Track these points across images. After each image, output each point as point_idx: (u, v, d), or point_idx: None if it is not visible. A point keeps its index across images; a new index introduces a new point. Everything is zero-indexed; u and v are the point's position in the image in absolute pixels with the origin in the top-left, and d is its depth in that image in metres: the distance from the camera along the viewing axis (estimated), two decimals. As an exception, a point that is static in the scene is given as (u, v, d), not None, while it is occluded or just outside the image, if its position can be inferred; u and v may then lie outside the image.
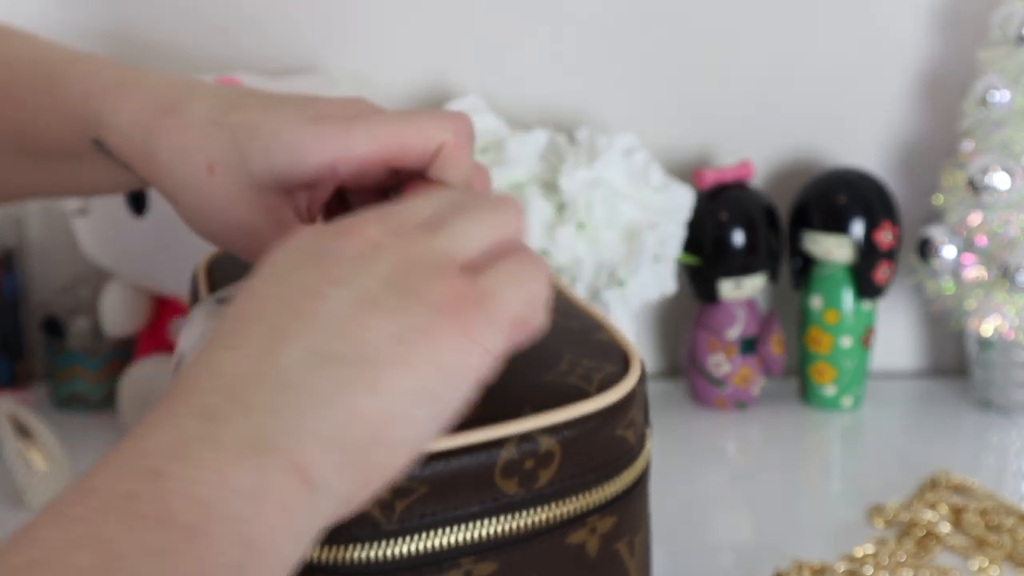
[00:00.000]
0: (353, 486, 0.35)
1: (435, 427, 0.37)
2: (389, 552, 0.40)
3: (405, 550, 0.40)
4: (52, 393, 0.88)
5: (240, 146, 0.45)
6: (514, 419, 0.41)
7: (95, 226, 0.83)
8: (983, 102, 0.84)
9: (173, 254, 0.83)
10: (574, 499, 0.42)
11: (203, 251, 0.83)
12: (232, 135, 0.45)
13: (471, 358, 0.36)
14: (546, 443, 0.41)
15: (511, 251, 0.39)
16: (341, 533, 0.39)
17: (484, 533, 0.41)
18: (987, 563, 0.69)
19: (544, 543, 0.42)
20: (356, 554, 0.40)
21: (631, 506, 0.45)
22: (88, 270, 0.89)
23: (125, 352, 0.87)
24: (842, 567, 0.67)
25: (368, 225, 0.38)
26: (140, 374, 0.82)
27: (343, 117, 0.45)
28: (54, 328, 0.88)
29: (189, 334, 0.49)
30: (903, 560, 0.68)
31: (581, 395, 0.43)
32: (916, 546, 0.70)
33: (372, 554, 0.40)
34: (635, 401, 0.44)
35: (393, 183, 0.47)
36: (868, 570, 0.67)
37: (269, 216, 0.46)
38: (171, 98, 0.48)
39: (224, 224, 0.47)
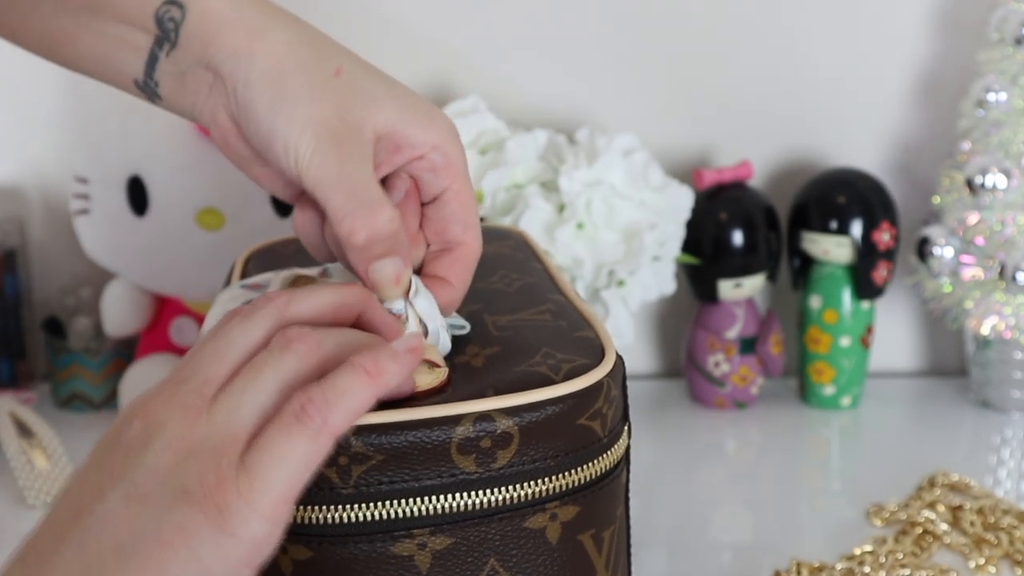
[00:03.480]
0: None
1: None
2: (344, 516, 0.41)
3: (360, 515, 0.41)
4: (53, 393, 0.88)
5: (375, 78, 0.49)
6: (476, 399, 0.43)
7: (96, 226, 0.83)
8: (981, 103, 0.84)
9: (173, 254, 0.83)
10: (533, 484, 0.43)
11: (203, 250, 0.83)
12: (367, 65, 0.50)
13: (230, 551, 0.37)
14: (504, 424, 0.43)
15: (293, 407, 0.39)
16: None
17: (440, 507, 0.42)
18: (985, 562, 0.69)
19: (502, 523, 0.43)
20: (312, 515, 0.41)
21: (597, 498, 0.45)
22: (89, 270, 0.89)
23: (126, 352, 0.87)
24: (841, 566, 0.68)
25: (157, 401, 0.39)
26: (141, 374, 0.83)
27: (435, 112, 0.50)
28: (55, 328, 0.88)
29: (211, 316, 0.50)
30: (901, 559, 0.68)
31: (545, 382, 0.44)
32: (914, 545, 0.70)
33: (328, 516, 0.41)
34: (604, 393, 0.45)
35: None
36: (866, 569, 0.67)
37: (360, 138, 0.47)
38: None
39: (312, 123, 0.47)
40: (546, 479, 0.44)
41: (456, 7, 0.89)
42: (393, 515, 0.42)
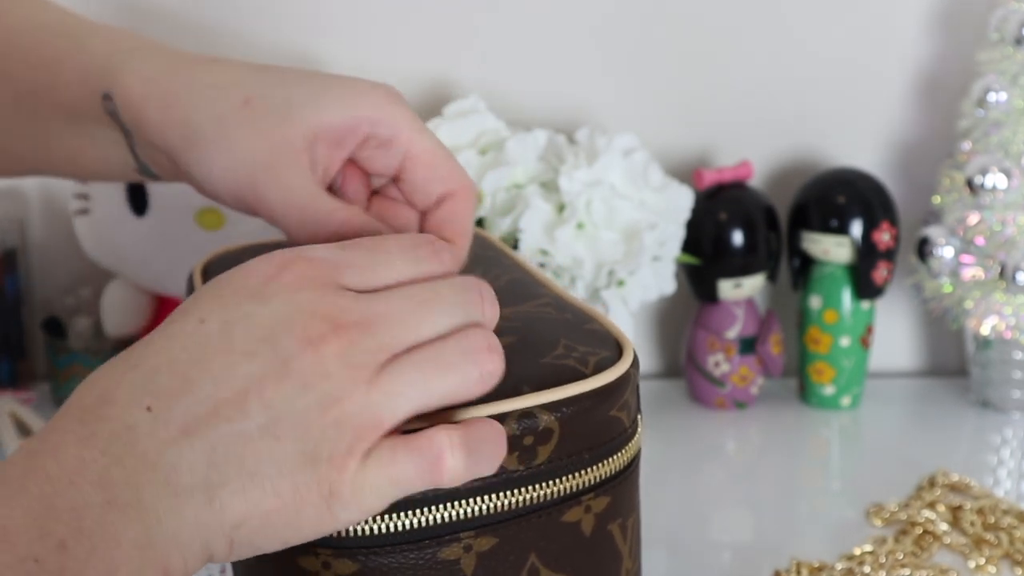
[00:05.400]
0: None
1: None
2: (392, 525, 0.41)
3: (408, 523, 0.41)
4: (53, 393, 0.88)
5: (288, 87, 0.48)
6: (514, 396, 0.42)
7: (96, 226, 0.83)
8: (981, 103, 0.84)
9: (173, 254, 0.83)
10: (570, 477, 0.43)
11: (203, 250, 0.83)
12: (281, 77, 0.48)
13: (324, 526, 0.38)
14: (545, 420, 0.42)
15: (434, 449, 0.39)
16: None
17: (486, 508, 0.42)
18: (985, 562, 0.69)
19: (541, 520, 0.43)
20: (358, 527, 0.41)
21: (624, 488, 0.46)
22: (89, 270, 0.89)
23: (126, 352, 0.87)
24: (841, 566, 0.68)
25: (336, 344, 0.38)
26: (141, 374, 0.83)
27: (372, 84, 0.49)
28: (55, 328, 0.88)
29: None
30: (901, 559, 0.68)
31: (578, 375, 0.44)
32: (914, 545, 0.70)
33: (374, 527, 0.41)
34: (628, 384, 0.45)
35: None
36: (866, 569, 0.67)
37: (290, 158, 0.47)
38: (200, 55, 0.51)
39: (242, 164, 0.47)
40: (582, 472, 0.44)
41: (456, 7, 0.89)
42: (441, 520, 0.41)
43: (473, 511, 0.42)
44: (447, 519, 0.41)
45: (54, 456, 0.36)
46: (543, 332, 0.47)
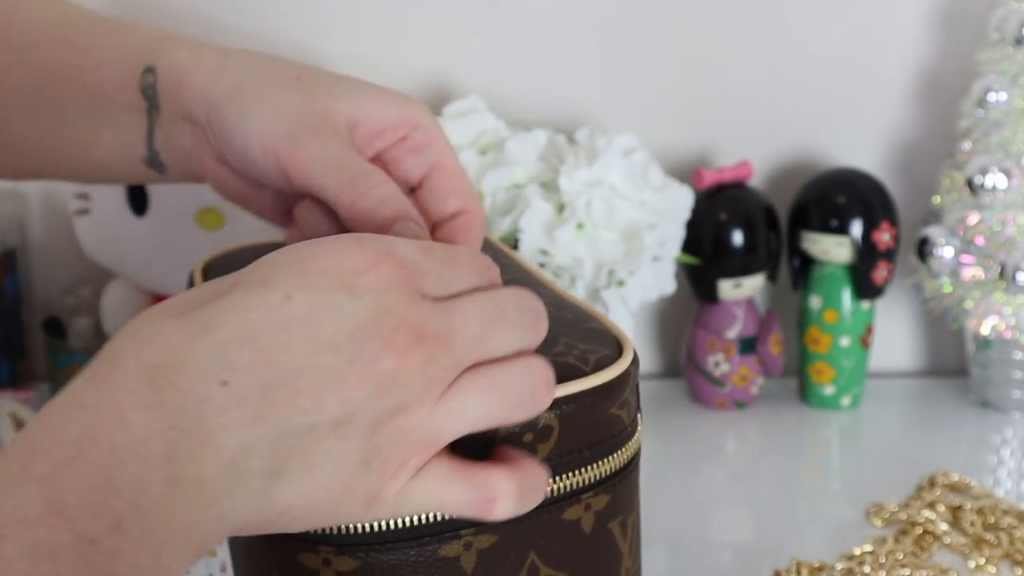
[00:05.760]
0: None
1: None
2: (392, 522, 0.41)
3: (408, 520, 0.41)
4: (53, 393, 0.88)
5: (338, 77, 0.50)
6: None
7: (96, 226, 0.83)
8: (981, 103, 0.84)
9: (173, 254, 0.83)
10: (570, 475, 0.43)
11: (203, 250, 0.83)
12: (329, 71, 0.51)
13: (360, 519, 0.39)
14: (545, 417, 0.42)
15: (486, 491, 0.40)
16: None
17: None
18: (985, 562, 0.69)
19: (541, 517, 0.43)
20: (360, 524, 0.41)
21: (624, 486, 0.46)
22: (89, 270, 0.89)
23: (126, 352, 0.87)
24: (841, 566, 0.68)
25: (420, 354, 0.38)
26: (141, 374, 0.83)
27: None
28: (55, 328, 0.88)
29: None
30: (901, 559, 0.68)
31: (578, 373, 0.44)
32: (914, 545, 0.70)
33: (376, 523, 0.41)
34: (628, 382, 0.45)
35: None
36: (866, 569, 0.67)
37: (332, 127, 0.48)
38: (242, 51, 0.52)
39: (284, 119, 0.48)
40: (581, 470, 0.44)
41: (456, 7, 0.89)
42: (441, 517, 0.41)
43: None
44: (447, 516, 0.41)
45: (120, 422, 0.34)
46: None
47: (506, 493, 0.39)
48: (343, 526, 0.41)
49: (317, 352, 0.36)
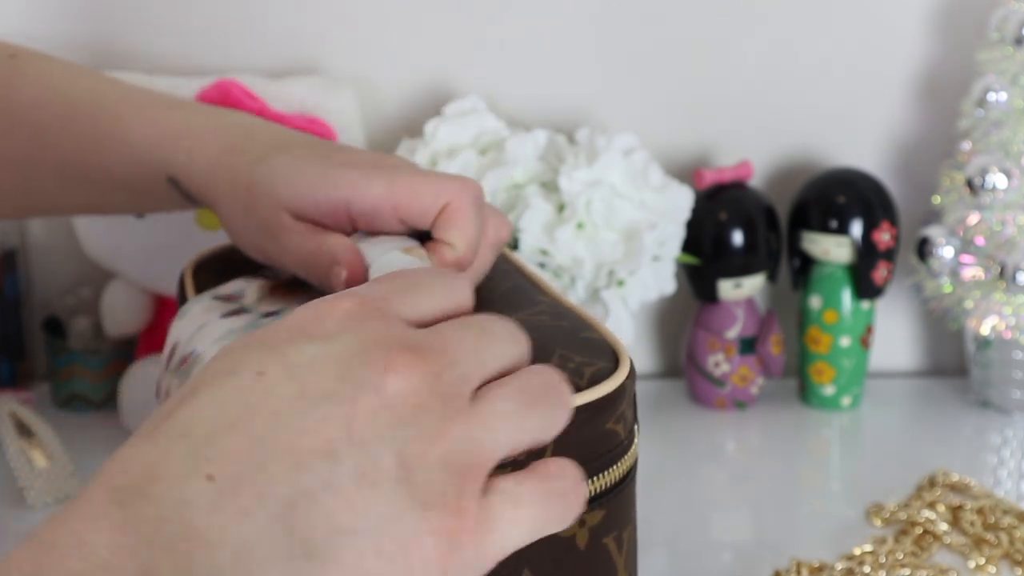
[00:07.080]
0: None
1: None
2: None
3: None
4: (53, 393, 0.88)
5: (274, 178, 0.50)
6: None
7: (97, 226, 0.83)
8: (981, 103, 0.84)
9: (173, 254, 0.83)
10: None
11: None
12: (270, 169, 0.50)
13: (456, 565, 0.33)
14: None
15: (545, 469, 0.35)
16: None
17: None
18: (985, 562, 0.69)
19: None
20: None
21: (620, 500, 0.45)
22: (89, 270, 0.89)
23: (126, 352, 0.87)
24: (841, 566, 0.68)
25: (422, 372, 0.33)
26: (141, 374, 0.83)
27: (364, 163, 0.49)
28: (55, 328, 0.88)
29: (182, 327, 0.50)
30: (901, 559, 0.68)
31: (573, 388, 0.43)
32: (914, 545, 0.70)
33: None
34: (624, 396, 0.45)
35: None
36: (866, 569, 0.67)
37: (298, 240, 0.50)
38: (231, 139, 0.53)
39: (265, 241, 0.51)
40: None
41: (456, 7, 0.89)
42: None
43: None
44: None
45: (79, 549, 0.30)
46: (538, 342, 0.45)
47: (574, 471, 0.35)
48: None
49: (311, 407, 0.32)
